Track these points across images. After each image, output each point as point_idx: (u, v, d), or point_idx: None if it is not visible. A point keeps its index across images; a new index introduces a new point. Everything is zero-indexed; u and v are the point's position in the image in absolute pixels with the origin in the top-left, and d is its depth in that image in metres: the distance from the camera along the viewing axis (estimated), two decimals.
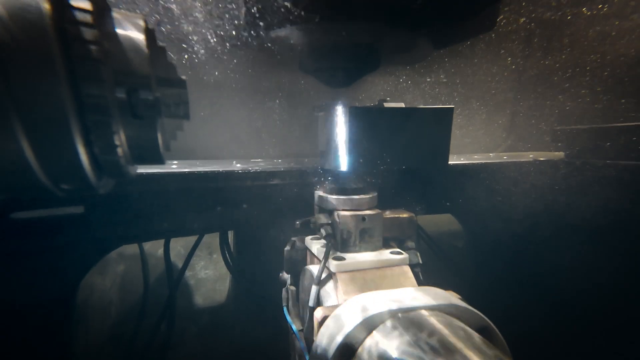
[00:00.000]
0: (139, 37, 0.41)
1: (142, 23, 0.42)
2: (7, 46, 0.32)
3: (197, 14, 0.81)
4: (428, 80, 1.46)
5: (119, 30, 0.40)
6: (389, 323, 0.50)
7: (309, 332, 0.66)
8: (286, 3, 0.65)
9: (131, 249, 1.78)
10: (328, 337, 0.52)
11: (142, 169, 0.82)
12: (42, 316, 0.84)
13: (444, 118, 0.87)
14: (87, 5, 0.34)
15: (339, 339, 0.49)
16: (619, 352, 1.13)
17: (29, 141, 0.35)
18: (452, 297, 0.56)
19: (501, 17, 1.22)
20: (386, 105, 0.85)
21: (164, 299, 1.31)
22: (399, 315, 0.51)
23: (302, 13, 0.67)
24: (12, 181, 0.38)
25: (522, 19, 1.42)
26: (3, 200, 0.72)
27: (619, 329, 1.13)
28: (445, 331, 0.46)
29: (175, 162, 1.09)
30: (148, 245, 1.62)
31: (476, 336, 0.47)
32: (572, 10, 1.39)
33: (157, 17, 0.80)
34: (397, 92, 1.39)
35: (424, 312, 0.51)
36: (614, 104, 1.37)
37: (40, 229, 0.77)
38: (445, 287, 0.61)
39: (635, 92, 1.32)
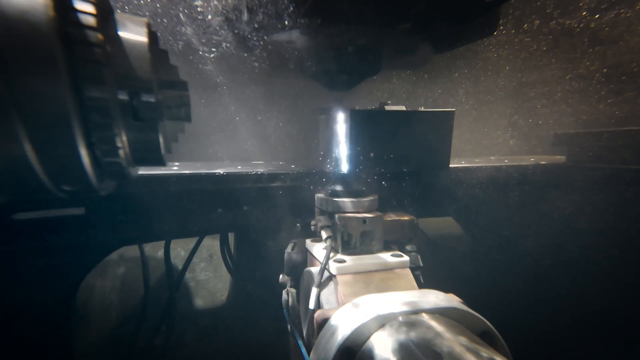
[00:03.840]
0: (142, 39, 0.41)
1: (145, 26, 0.42)
2: (10, 48, 0.32)
3: (198, 18, 0.81)
4: None
5: (122, 33, 0.41)
6: (389, 326, 0.49)
7: (309, 335, 0.66)
8: (288, 8, 0.66)
9: (131, 251, 1.77)
10: (328, 340, 0.52)
11: (143, 170, 0.83)
12: (42, 317, 0.84)
13: (445, 121, 0.87)
14: (91, 9, 0.35)
15: (339, 342, 0.49)
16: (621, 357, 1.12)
17: (31, 143, 0.35)
18: (453, 300, 0.56)
19: None
20: (387, 108, 0.86)
21: (164, 301, 1.30)
22: (400, 318, 0.50)
23: (304, 17, 0.67)
24: (14, 182, 0.38)
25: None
26: (4, 201, 0.72)
27: (624, 334, 1.12)
28: (446, 335, 0.46)
29: (176, 163, 1.10)
30: (148, 247, 1.62)
31: (477, 340, 0.47)
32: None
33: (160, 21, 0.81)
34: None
35: (425, 316, 0.51)
36: None
37: (41, 230, 0.77)
38: (446, 290, 0.61)
39: None
